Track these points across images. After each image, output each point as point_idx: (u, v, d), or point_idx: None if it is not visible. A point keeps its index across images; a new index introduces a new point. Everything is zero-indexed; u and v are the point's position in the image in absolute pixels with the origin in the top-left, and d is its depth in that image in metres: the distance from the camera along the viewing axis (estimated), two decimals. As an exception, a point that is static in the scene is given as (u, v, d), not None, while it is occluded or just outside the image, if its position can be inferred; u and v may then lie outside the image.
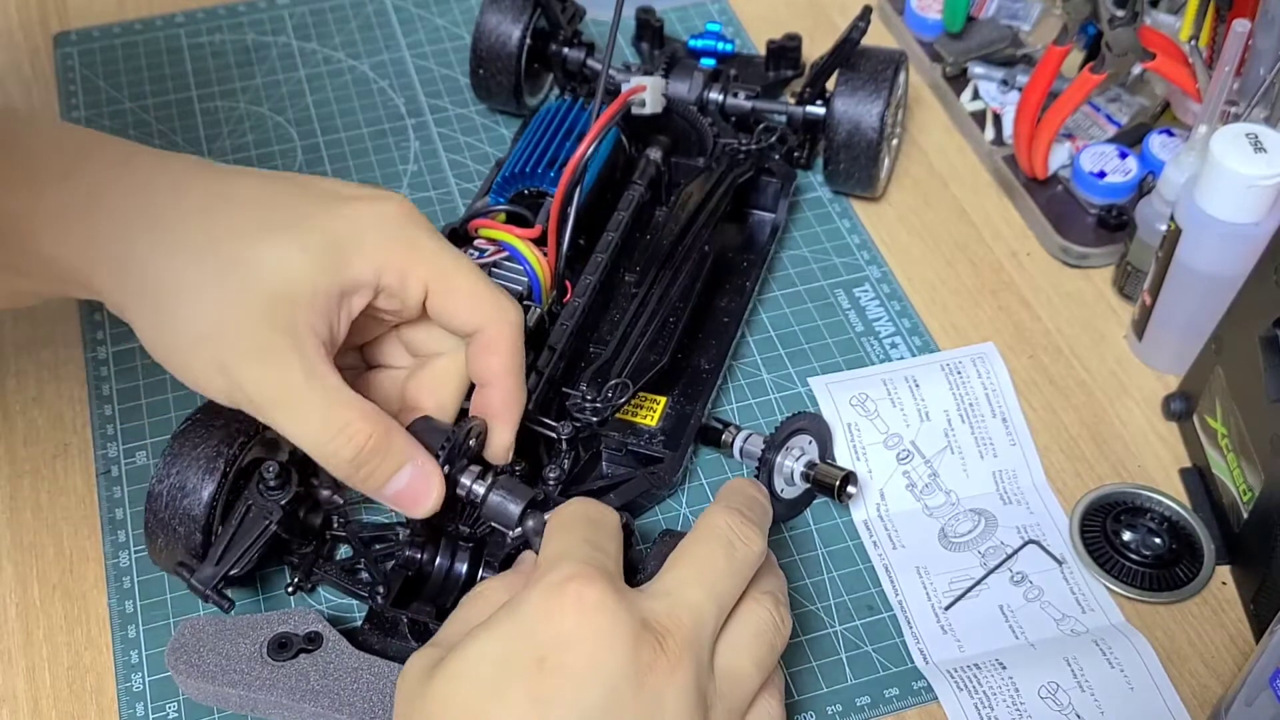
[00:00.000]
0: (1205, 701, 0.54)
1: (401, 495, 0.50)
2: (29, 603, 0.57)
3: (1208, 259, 0.60)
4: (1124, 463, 0.62)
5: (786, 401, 0.64)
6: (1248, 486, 0.57)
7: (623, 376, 0.58)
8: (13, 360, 0.66)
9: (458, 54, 0.82)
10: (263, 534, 0.52)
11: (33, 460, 0.62)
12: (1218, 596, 0.57)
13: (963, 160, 0.76)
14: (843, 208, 0.73)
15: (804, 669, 0.55)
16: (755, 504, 0.49)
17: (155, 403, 0.64)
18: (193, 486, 0.52)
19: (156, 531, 0.53)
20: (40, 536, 0.59)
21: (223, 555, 0.52)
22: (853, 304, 0.69)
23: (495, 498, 0.52)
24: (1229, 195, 0.58)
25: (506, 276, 0.60)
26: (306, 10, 0.84)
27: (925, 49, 0.80)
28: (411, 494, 0.50)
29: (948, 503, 0.60)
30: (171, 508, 0.52)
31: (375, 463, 0.49)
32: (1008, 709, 0.53)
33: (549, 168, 0.64)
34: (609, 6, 0.65)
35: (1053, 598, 0.57)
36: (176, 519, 0.52)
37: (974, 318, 0.68)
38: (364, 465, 0.48)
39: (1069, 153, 0.72)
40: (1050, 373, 0.65)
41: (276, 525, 0.52)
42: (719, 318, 0.65)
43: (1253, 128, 0.58)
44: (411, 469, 0.50)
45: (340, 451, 0.48)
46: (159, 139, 0.76)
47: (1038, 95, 0.69)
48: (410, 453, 0.50)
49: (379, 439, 0.48)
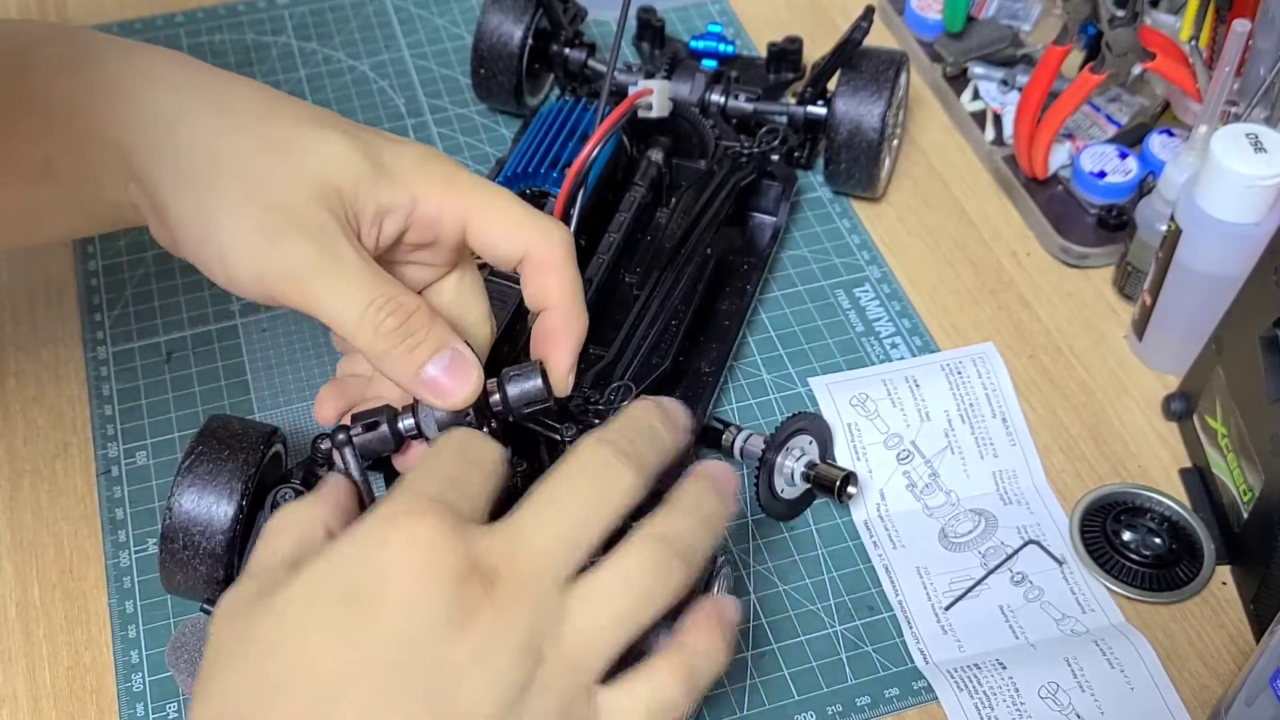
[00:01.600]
0: (1205, 701, 0.54)
1: (440, 380, 0.48)
2: (29, 603, 0.57)
3: (1208, 259, 0.60)
4: (1124, 463, 0.62)
5: (786, 401, 0.64)
6: (1248, 486, 0.57)
7: (625, 379, 0.58)
8: (13, 360, 0.66)
9: (458, 54, 0.82)
10: None
11: (33, 460, 0.62)
12: (1218, 596, 0.57)
13: (963, 160, 0.76)
14: (843, 208, 0.73)
15: (804, 669, 0.55)
16: (645, 432, 0.45)
17: (155, 403, 0.64)
18: (209, 523, 0.51)
19: (175, 570, 0.52)
20: (40, 536, 0.59)
21: None
22: (853, 304, 0.69)
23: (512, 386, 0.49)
24: (1229, 195, 0.58)
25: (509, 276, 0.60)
26: (306, 10, 0.84)
27: (925, 49, 0.80)
28: (452, 379, 0.48)
29: (948, 503, 0.60)
30: (190, 547, 0.51)
31: (420, 334, 0.47)
32: (1008, 709, 0.53)
33: (551, 168, 0.64)
34: (610, 7, 0.65)
35: (1053, 598, 0.57)
36: (197, 558, 0.51)
37: (974, 318, 0.68)
38: (410, 336, 0.47)
39: (1069, 153, 0.72)
40: (1050, 373, 0.65)
41: None
42: (720, 321, 0.65)
43: (1253, 128, 0.58)
44: (454, 352, 0.48)
45: (386, 321, 0.46)
46: (159, 139, 0.76)
47: (1038, 95, 0.69)
48: (454, 338, 0.48)
49: (427, 313, 0.48)
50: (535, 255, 0.50)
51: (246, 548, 0.52)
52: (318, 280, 0.46)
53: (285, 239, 0.46)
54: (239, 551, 0.52)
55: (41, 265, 0.70)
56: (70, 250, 0.71)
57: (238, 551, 0.52)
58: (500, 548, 0.40)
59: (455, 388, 0.48)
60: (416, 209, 0.49)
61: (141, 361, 0.66)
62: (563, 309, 0.51)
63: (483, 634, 0.39)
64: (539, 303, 0.51)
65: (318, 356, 0.66)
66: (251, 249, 0.46)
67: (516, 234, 0.50)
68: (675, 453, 0.45)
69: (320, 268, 0.46)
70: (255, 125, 0.48)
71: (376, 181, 0.48)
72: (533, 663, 0.39)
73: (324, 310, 0.47)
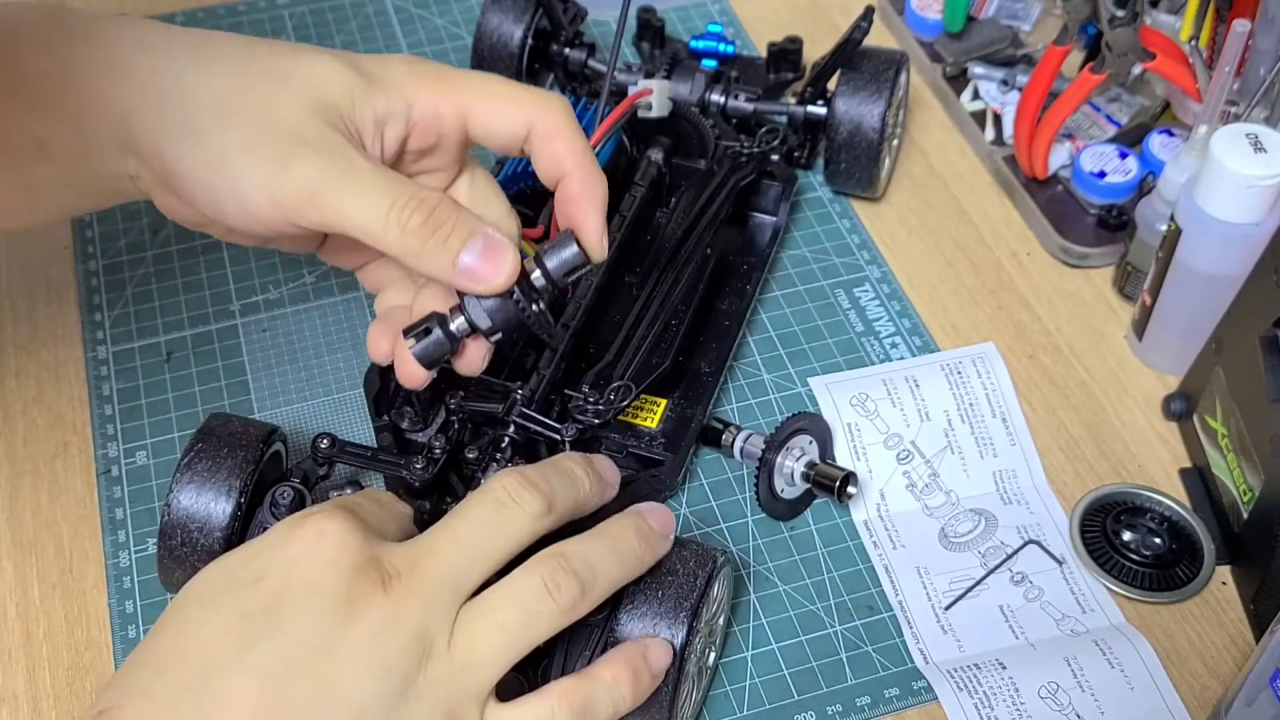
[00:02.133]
0: (1205, 701, 0.54)
1: (477, 266, 0.48)
2: (29, 603, 0.57)
3: (1208, 259, 0.60)
4: (1124, 463, 0.62)
5: (786, 401, 0.64)
6: (1248, 486, 0.57)
7: (625, 379, 0.58)
8: (13, 360, 0.66)
9: (458, 54, 0.82)
10: None
11: (33, 460, 0.62)
12: (1218, 596, 0.57)
13: (963, 160, 0.76)
14: (843, 208, 0.73)
15: (804, 669, 0.55)
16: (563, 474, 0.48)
17: (155, 403, 0.64)
18: (207, 520, 0.52)
19: (173, 567, 0.52)
20: (40, 536, 0.59)
21: None
22: (853, 304, 0.69)
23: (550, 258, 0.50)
24: (1229, 195, 0.58)
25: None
26: (306, 10, 0.84)
27: (925, 49, 0.80)
28: (489, 263, 0.48)
29: (948, 503, 0.60)
30: (189, 544, 0.52)
31: (449, 224, 0.47)
32: (1008, 709, 0.53)
33: (549, 168, 0.64)
34: (610, 7, 0.65)
35: (1053, 598, 0.57)
36: (195, 555, 0.52)
37: (974, 318, 0.68)
38: (439, 227, 0.47)
39: (1069, 153, 0.72)
40: (1050, 373, 0.65)
41: None
42: (720, 321, 0.65)
43: (1253, 128, 0.58)
44: (485, 236, 0.48)
45: (411, 219, 0.47)
46: (159, 139, 0.76)
47: (1038, 95, 0.69)
48: (479, 223, 0.49)
49: (451, 204, 0.48)
50: (540, 126, 0.50)
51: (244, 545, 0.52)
52: (335, 191, 0.47)
53: (296, 159, 0.47)
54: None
55: (41, 265, 0.70)
56: (70, 250, 0.71)
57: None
58: (404, 555, 0.43)
59: (494, 271, 0.48)
60: (414, 111, 0.50)
61: (141, 361, 0.66)
62: (580, 173, 0.51)
63: (375, 624, 0.41)
64: (554, 172, 0.51)
65: (318, 356, 0.66)
66: (264, 177, 0.47)
67: (516, 110, 0.50)
68: (593, 502, 0.49)
69: (335, 179, 0.47)
70: (245, 65, 0.49)
71: (369, 91, 0.49)
72: (420, 659, 0.41)
73: (347, 219, 0.47)
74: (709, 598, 0.50)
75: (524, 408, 0.56)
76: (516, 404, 0.56)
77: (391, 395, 0.58)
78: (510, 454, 0.55)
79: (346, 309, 0.68)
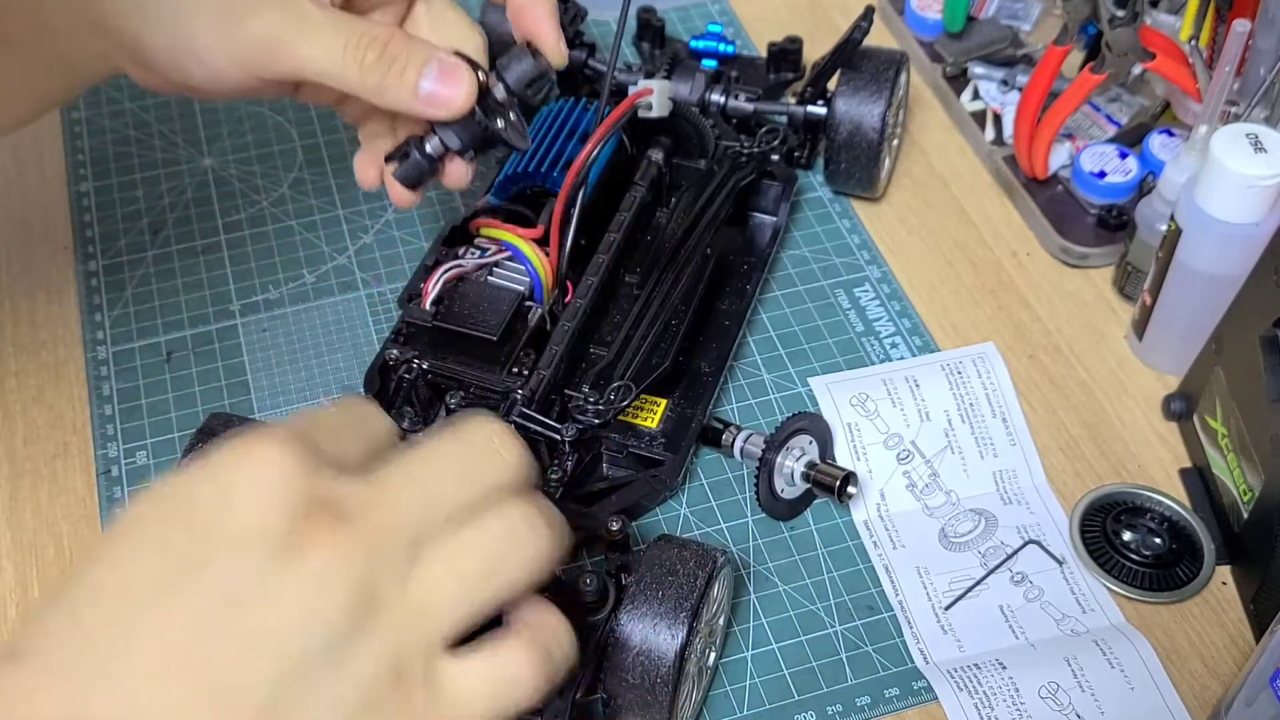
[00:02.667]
0: (1205, 701, 0.54)
1: (436, 90, 0.50)
2: (29, 603, 0.57)
3: (1208, 259, 0.60)
4: (1124, 463, 0.62)
5: (786, 401, 0.64)
6: (1248, 486, 0.57)
7: (625, 379, 0.58)
8: (13, 360, 0.66)
9: (458, 54, 0.81)
10: None
11: (33, 460, 0.62)
12: (1218, 596, 0.57)
13: (963, 160, 0.76)
14: (843, 208, 0.73)
15: (804, 669, 0.55)
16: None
17: (155, 403, 0.64)
18: None
19: None
20: (40, 536, 0.59)
21: None
22: (853, 304, 0.69)
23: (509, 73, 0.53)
24: (1229, 195, 0.58)
25: (508, 276, 0.60)
26: (306, 10, 0.84)
27: (925, 49, 0.80)
28: (446, 86, 0.50)
29: (948, 503, 0.60)
30: None
31: (404, 56, 0.50)
32: (1008, 709, 0.53)
33: (551, 167, 0.64)
34: (610, 7, 0.65)
35: (1053, 598, 0.57)
36: None
37: (974, 318, 0.68)
38: (394, 60, 0.49)
39: (1069, 153, 0.72)
40: (1050, 373, 0.65)
41: None
42: (720, 321, 0.65)
43: (1253, 128, 0.58)
44: (439, 63, 0.50)
45: (366, 56, 0.49)
46: (159, 139, 0.76)
47: (1038, 95, 0.69)
48: (433, 50, 0.51)
49: (404, 37, 0.50)
50: None
51: None
52: (290, 41, 0.49)
53: (249, 14, 0.49)
54: None
55: (41, 265, 0.70)
56: (70, 250, 0.71)
57: None
58: (359, 494, 0.38)
59: (453, 93, 0.50)
60: None
61: (141, 361, 0.66)
62: None
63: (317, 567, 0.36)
64: None
65: (317, 356, 0.66)
66: (223, 35, 0.49)
67: None
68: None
69: (289, 28, 0.49)
70: None
71: None
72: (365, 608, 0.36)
73: (306, 66, 0.49)
74: (709, 598, 0.50)
75: (524, 408, 0.56)
76: (516, 404, 0.56)
77: (391, 395, 0.58)
78: None
79: (346, 309, 0.68)
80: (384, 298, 0.69)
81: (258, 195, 0.74)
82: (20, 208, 0.73)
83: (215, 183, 0.74)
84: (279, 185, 0.74)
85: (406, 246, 0.71)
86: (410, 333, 0.59)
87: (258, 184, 0.74)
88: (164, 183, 0.74)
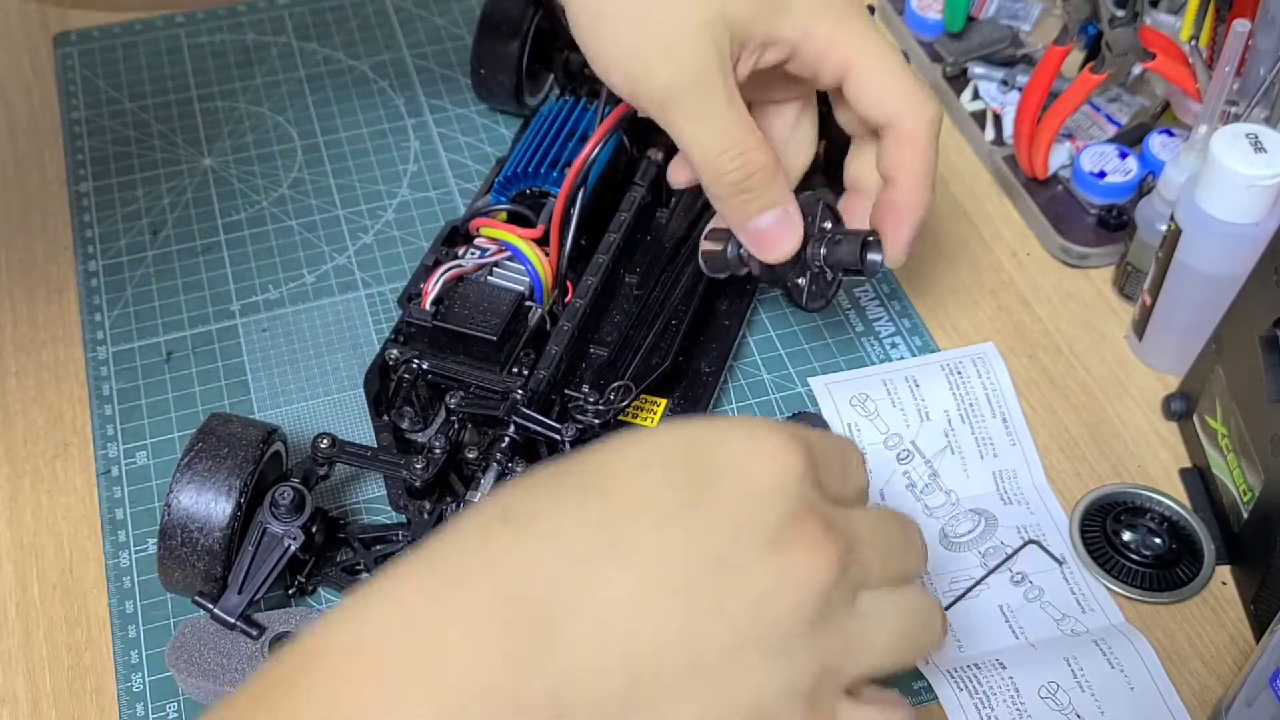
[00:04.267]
0: (1205, 701, 0.54)
1: (765, 234, 0.52)
2: (29, 603, 0.57)
3: (1208, 259, 0.60)
4: (1124, 463, 0.62)
5: (786, 401, 0.64)
6: (1248, 486, 0.57)
7: (626, 379, 0.58)
8: (13, 360, 0.66)
9: (458, 54, 0.82)
10: (282, 558, 0.52)
11: (33, 460, 0.62)
12: (1218, 596, 0.57)
13: (963, 160, 0.76)
14: (843, 208, 0.73)
15: (804, 669, 0.55)
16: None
17: (155, 403, 0.64)
18: (207, 520, 0.51)
19: (173, 567, 0.52)
20: (40, 536, 0.59)
21: (244, 584, 0.52)
22: (853, 304, 0.69)
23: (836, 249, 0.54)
24: (1229, 195, 0.58)
25: (508, 276, 0.60)
26: (306, 10, 0.84)
27: (925, 49, 0.80)
28: (775, 236, 0.52)
29: (948, 503, 0.60)
30: (189, 544, 0.52)
31: (757, 192, 0.51)
32: (1008, 709, 0.53)
33: (551, 168, 0.64)
34: (609, 7, 0.65)
35: (1053, 598, 0.57)
36: (195, 554, 0.52)
37: (974, 318, 0.68)
38: (746, 191, 0.51)
39: (1069, 153, 0.72)
40: (1050, 373, 0.65)
41: (297, 549, 0.52)
42: (720, 321, 0.65)
43: (1253, 128, 0.58)
44: (782, 212, 0.52)
45: (730, 172, 0.51)
46: (159, 139, 0.76)
47: (1038, 95, 0.69)
48: (787, 197, 0.52)
49: (770, 172, 0.51)
50: (903, 127, 0.52)
51: (244, 545, 0.52)
52: (681, 115, 0.51)
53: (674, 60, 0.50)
54: (236, 549, 0.52)
55: (41, 265, 0.70)
56: (70, 250, 0.71)
57: (235, 549, 0.52)
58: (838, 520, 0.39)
59: (774, 245, 0.52)
60: (802, 46, 0.51)
61: (141, 361, 0.66)
62: (914, 186, 0.53)
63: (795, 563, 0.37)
64: (891, 174, 0.53)
65: (317, 356, 0.66)
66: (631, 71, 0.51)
67: (893, 101, 0.52)
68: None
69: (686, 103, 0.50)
70: None
71: (770, 18, 0.51)
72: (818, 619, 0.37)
73: (680, 138, 0.51)
74: None
75: (524, 407, 0.56)
76: (516, 404, 0.56)
77: (391, 395, 0.58)
78: (510, 454, 0.55)
79: (346, 309, 0.68)
80: (384, 298, 0.69)
81: (258, 195, 0.74)
82: (20, 208, 0.73)
83: (215, 183, 0.74)
84: (279, 185, 0.74)
85: (406, 246, 0.71)
86: (410, 333, 0.59)
87: (258, 184, 0.74)
88: (164, 183, 0.74)
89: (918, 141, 0.52)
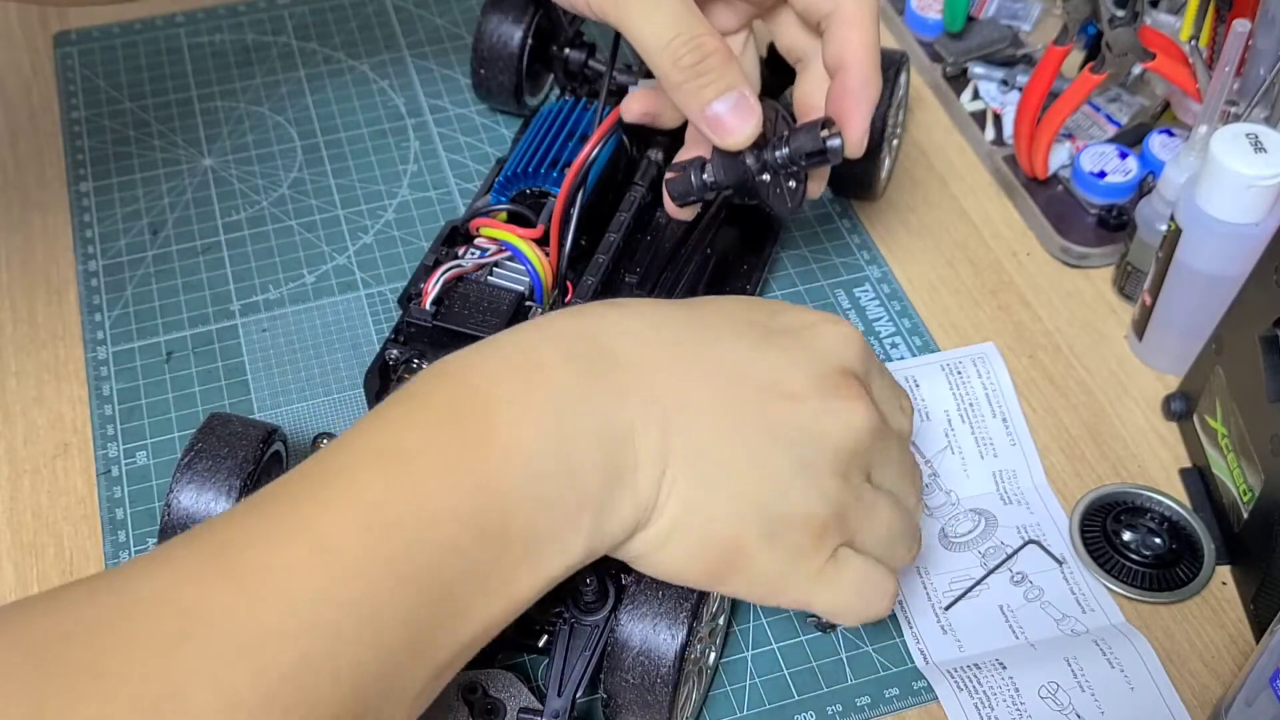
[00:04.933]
0: (1205, 701, 0.54)
1: (723, 117, 0.52)
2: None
3: (1208, 259, 0.60)
4: (1124, 463, 0.62)
5: (787, 401, 0.64)
6: (1248, 486, 0.57)
7: (623, 377, 0.58)
8: (13, 360, 0.66)
9: (458, 54, 0.82)
10: None
11: (33, 460, 0.62)
12: (1218, 596, 0.57)
13: (963, 160, 0.76)
14: (843, 207, 0.73)
15: (804, 669, 0.55)
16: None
17: (155, 403, 0.64)
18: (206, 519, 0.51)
19: None
20: (40, 536, 0.59)
21: None
22: (853, 304, 0.69)
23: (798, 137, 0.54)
24: (1229, 195, 0.58)
25: (508, 276, 0.60)
26: (306, 10, 0.84)
27: (925, 49, 0.80)
28: (734, 120, 0.52)
29: (948, 503, 0.60)
30: None
31: (713, 76, 0.51)
32: (1008, 709, 0.53)
33: (551, 168, 0.64)
34: (609, 6, 0.65)
35: (1053, 598, 0.57)
36: None
37: (974, 318, 0.68)
38: (702, 75, 0.51)
39: (1069, 153, 0.72)
40: (1050, 373, 0.65)
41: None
42: (719, 318, 0.65)
43: (1253, 128, 0.58)
44: (739, 95, 0.52)
45: (684, 55, 0.51)
46: (159, 139, 0.76)
47: (1038, 95, 0.69)
48: (742, 80, 0.52)
49: (723, 55, 0.51)
50: (846, 10, 0.54)
51: None
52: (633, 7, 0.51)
53: None
54: None
55: (41, 265, 0.70)
56: (70, 250, 0.71)
57: None
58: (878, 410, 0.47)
59: (736, 127, 0.52)
60: None
61: (141, 361, 0.66)
62: (862, 68, 0.54)
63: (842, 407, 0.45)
64: (837, 61, 0.54)
65: (317, 356, 0.66)
66: None
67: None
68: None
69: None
70: None
71: None
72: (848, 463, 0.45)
73: (632, 31, 0.52)
74: (709, 597, 0.50)
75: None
76: (516, 404, 0.56)
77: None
78: None
79: (346, 309, 0.68)
80: (384, 298, 0.69)
81: (258, 195, 0.74)
82: (20, 208, 0.73)
83: (215, 183, 0.74)
84: (279, 185, 0.74)
85: (406, 246, 0.71)
86: (410, 333, 0.59)
87: (258, 184, 0.74)
88: (164, 183, 0.74)
89: (862, 19, 0.54)
